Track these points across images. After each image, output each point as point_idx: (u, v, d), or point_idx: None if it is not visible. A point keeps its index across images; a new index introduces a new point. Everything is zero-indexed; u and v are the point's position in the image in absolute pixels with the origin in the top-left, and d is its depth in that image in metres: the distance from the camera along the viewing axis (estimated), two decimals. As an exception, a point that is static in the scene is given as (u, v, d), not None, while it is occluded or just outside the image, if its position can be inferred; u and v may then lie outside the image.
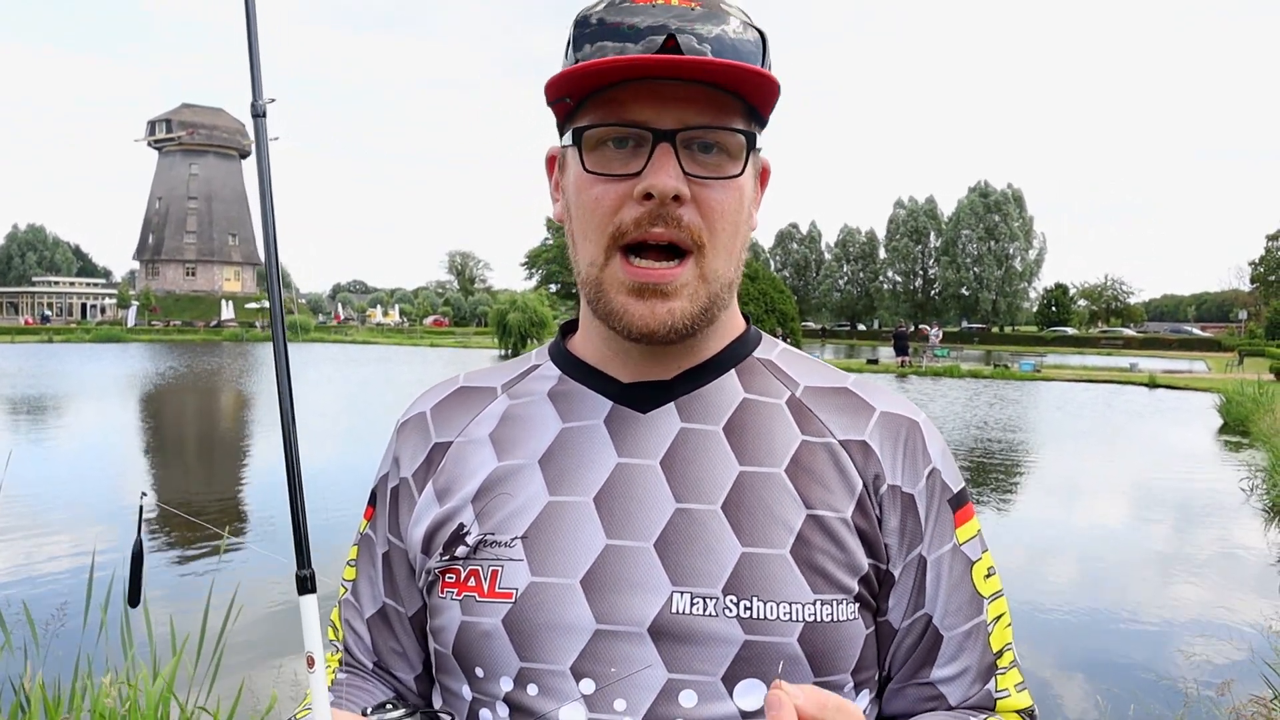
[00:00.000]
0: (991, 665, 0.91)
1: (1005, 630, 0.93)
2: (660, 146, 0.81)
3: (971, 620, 0.90)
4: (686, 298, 0.84)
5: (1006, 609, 0.94)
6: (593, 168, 0.84)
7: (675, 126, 0.81)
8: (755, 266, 42.43)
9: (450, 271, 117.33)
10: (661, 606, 0.82)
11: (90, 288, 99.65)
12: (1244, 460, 13.85)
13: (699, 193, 0.83)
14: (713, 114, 0.82)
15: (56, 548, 7.83)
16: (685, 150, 0.82)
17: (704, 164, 0.83)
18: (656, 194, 0.81)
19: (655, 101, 0.81)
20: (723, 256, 0.86)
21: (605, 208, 0.83)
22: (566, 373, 0.96)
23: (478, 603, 0.85)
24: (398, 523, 0.97)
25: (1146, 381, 29.94)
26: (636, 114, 0.82)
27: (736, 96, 0.83)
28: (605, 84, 0.82)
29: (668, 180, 0.80)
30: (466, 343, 57.89)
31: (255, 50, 0.96)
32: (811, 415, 0.91)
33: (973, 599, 0.90)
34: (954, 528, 0.90)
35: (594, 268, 0.86)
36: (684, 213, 0.82)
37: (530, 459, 0.90)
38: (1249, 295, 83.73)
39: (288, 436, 0.90)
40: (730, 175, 0.84)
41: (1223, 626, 6.20)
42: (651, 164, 0.81)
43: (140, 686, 2.99)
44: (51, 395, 21.69)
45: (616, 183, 0.83)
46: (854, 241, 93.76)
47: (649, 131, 0.81)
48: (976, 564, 0.91)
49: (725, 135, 0.83)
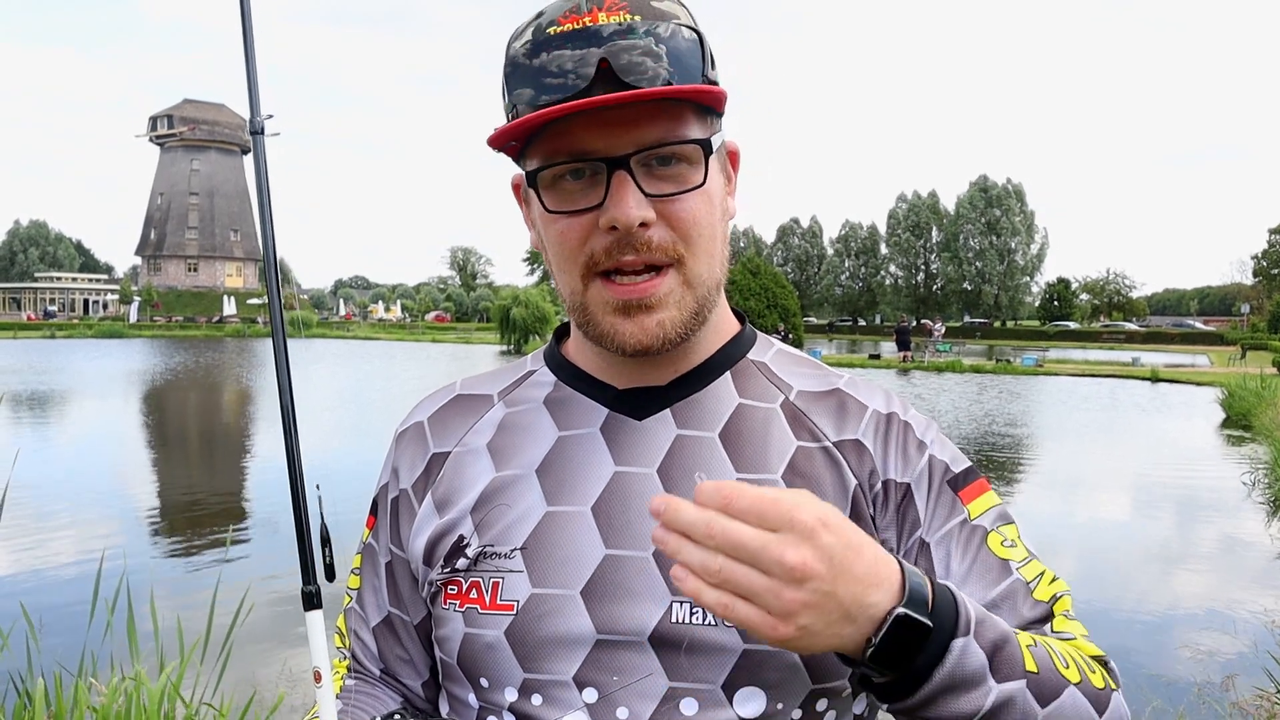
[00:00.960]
0: (1046, 613, 0.85)
1: (1052, 584, 0.87)
2: (616, 175, 0.79)
3: (1000, 585, 0.85)
4: (674, 306, 0.84)
5: (1045, 567, 0.89)
6: (553, 206, 0.83)
7: (627, 151, 0.79)
8: (757, 262, 42.25)
9: (452, 267, 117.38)
10: (661, 616, 0.82)
11: (92, 284, 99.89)
12: (1246, 454, 13.85)
13: (665, 209, 0.81)
14: (664, 127, 0.80)
15: (61, 545, 7.85)
16: (643, 170, 0.80)
17: (665, 178, 0.81)
18: (620, 226, 0.79)
19: (602, 128, 0.79)
20: (704, 260, 0.85)
21: (573, 242, 0.83)
22: (562, 379, 0.96)
23: (480, 614, 0.86)
24: (399, 534, 0.97)
25: (1149, 375, 29.93)
26: (586, 143, 0.79)
27: (686, 102, 0.82)
28: (541, 128, 0.80)
29: (629, 210, 0.79)
30: (469, 338, 57.94)
31: (253, 69, 0.96)
32: (805, 419, 0.91)
33: (994, 565, 0.86)
34: (960, 505, 0.89)
35: (576, 295, 0.85)
36: (653, 234, 0.81)
37: (528, 469, 0.90)
38: (1251, 289, 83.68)
39: (291, 457, 0.91)
40: (694, 186, 0.82)
41: (1226, 621, 6.21)
42: (610, 195, 0.79)
43: (144, 683, 2.99)
44: (55, 391, 21.72)
45: (579, 217, 0.82)
46: (855, 236, 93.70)
47: (601, 162, 0.80)
48: (991, 534, 0.88)
49: (682, 149, 0.81)
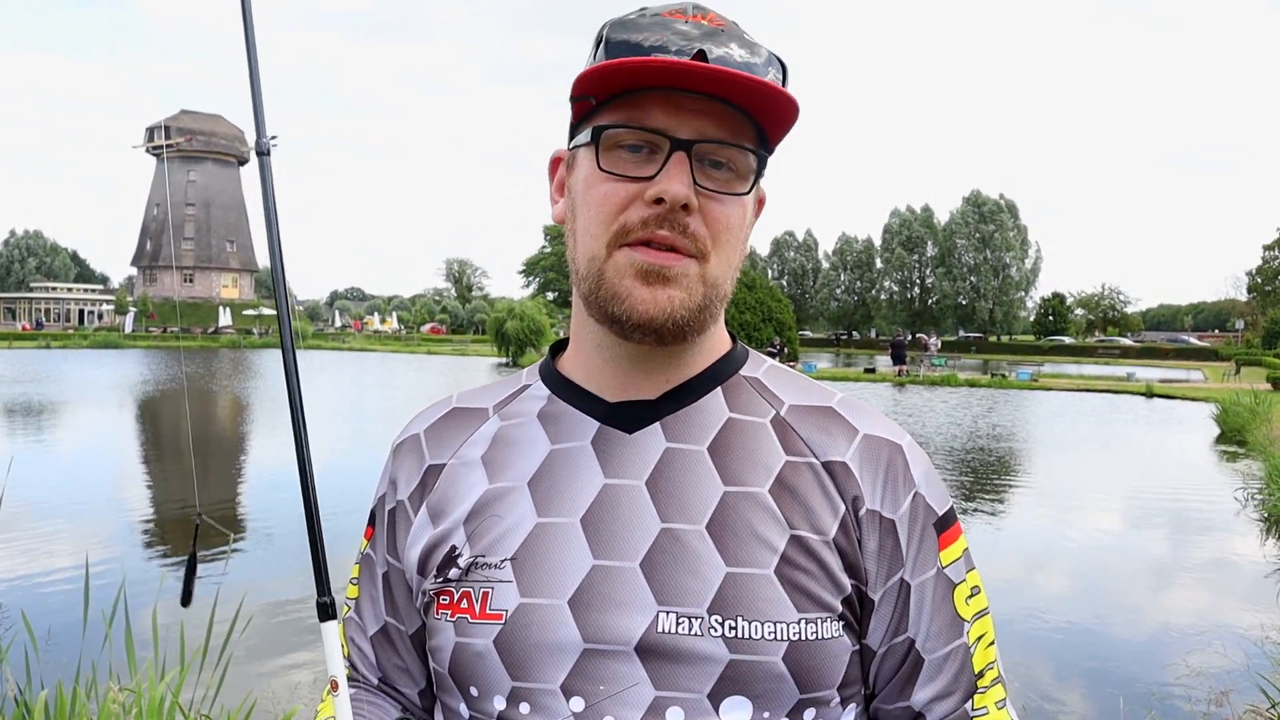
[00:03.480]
0: (972, 686, 0.92)
1: (988, 650, 0.94)
2: (676, 155, 0.83)
3: (951, 643, 0.91)
4: (686, 289, 0.85)
5: (990, 628, 0.95)
6: (607, 167, 0.85)
7: (693, 137, 0.83)
8: (753, 275, 42.43)
9: (448, 279, 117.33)
10: (648, 626, 0.83)
11: (88, 294, 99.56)
12: (1240, 470, 13.89)
13: (706, 205, 0.85)
14: (728, 131, 0.84)
15: (57, 555, 7.83)
16: (698, 163, 0.84)
17: (714, 178, 0.85)
18: (669, 200, 0.82)
19: (675, 111, 0.83)
20: (723, 266, 0.87)
21: (613, 205, 0.85)
22: (555, 393, 0.97)
23: (470, 624, 0.87)
24: (395, 544, 0.99)
25: (1144, 391, 29.98)
26: (656, 120, 0.83)
27: (750, 120, 0.85)
28: (633, 87, 0.83)
29: (680, 188, 0.82)
30: (464, 350, 57.84)
31: (258, 91, 0.97)
32: (795, 435, 0.91)
33: (953, 622, 0.92)
34: (938, 551, 0.91)
35: (595, 262, 0.87)
36: (691, 221, 0.84)
37: (520, 481, 0.92)
38: (1246, 305, 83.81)
39: (304, 473, 0.93)
40: (738, 193, 0.86)
41: (1219, 637, 6.21)
42: (666, 171, 0.83)
43: (144, 693, 2.99)
44: (49, 401, 21.67)
45: (627, 183, 0.85)
46: (851, 250, 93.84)
47: (667, 139, 0.83)
48: (959, 586, 0.92)
49: (738, 153, 0.85)
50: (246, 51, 0.97)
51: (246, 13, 0.97)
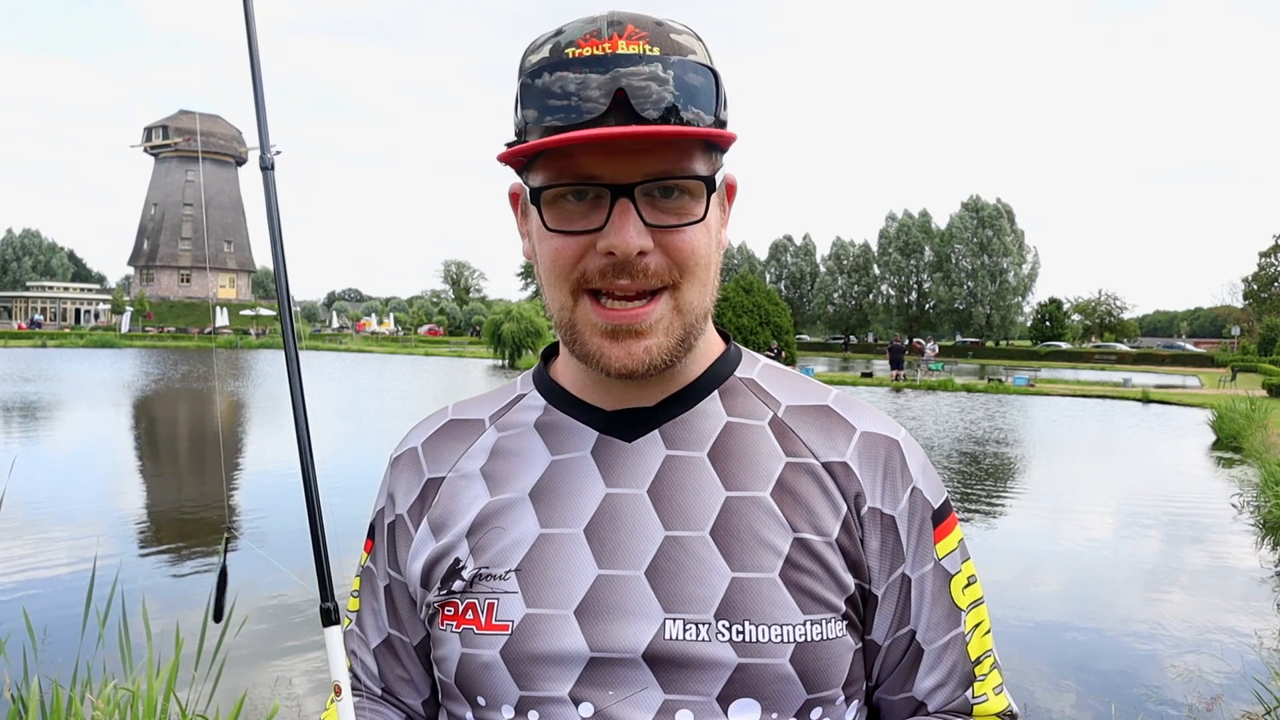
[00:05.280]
0: (970, 673, 0.94)
1: (984, 638, 0.96)
2: (619, 203, 0.80)
3: (950, 632, 0.93)
4: (662, 333, 0.84)
5: (985, 616, 0.97)
6: (553, 225, 0.83)
7: (632, 180, 0.80)
8: (750, 279, 42.37)
9: (445, 281, 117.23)
10: (655, 634, 0.83)
11: (85, 293, 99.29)
12: (1236, 476, 13.91)
13: (664, 239, 0.82)
14: (671, 161, 0.81)
15: (55, 554, 7.82)
16: (646, 199, 0.81)
17: (667, 209, 0.82)
18: (619, 254, 0.80)
19: (610, 155, 0.80)
20: (696, 290, 0.86)
21: (567, 259, 0.83)
22: (551, 402, 0.97)
23: (476, 635, 0.88)
24: (396, 557, 0.99)
25: (1140, 396, 30.00)
26: (592, 168, 0.80)
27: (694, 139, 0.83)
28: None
29: (630, 240, 0.80)
30: (461, 352, 57.79)
31: (261, 105, 0.97)
32: (794, 436, 0.91)
33: (951, 612, 0.93)
34: (934, 543, 0.93)
35: (565, 311, 0.86)
36: (649, 261, 0.82)
37: (521, 493, 0.92)
38: (1242, 311, 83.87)
39: (307, 478, 0.93)
40: (694, 220, 0.83)
41: (1213, 642, 6.23)
42: (612, 222, 0.80)
43: (139, 692, 2.99)
44: (46, 400, 21.62)
45: (576, 237, 0.83)
46: (847, 254, 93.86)
47: (606, 188, 0.80)
48: (955, 576, 0.94)
49: (685, 182, 0.82)
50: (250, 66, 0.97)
51: (250, 27, 0.97)
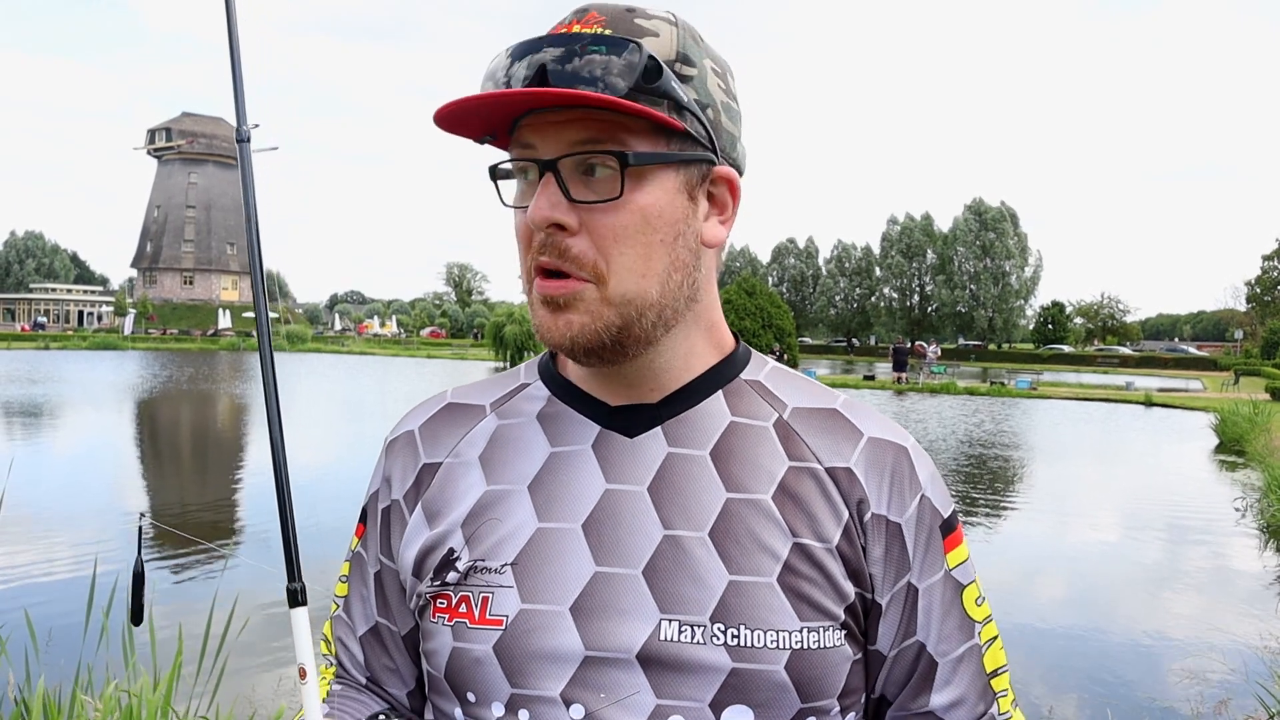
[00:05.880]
0: (988, 688, 0.92)
1: (999, 652, 0.94)
2: (544, 177, 0.81)
3: (965, 644, 0.91)
4: (585, 312, 0.82)
5: (997, 631, 0.95)
6: (509, 201, 0.87)
7: (558, 153, 0.80)
8: (753, 282, 42.29)
9: (448, 283, 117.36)
10: (650, 634, 0.82)
11: (87, 295, 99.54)
12: (1239, 480, 13.89)
13: (589, 219, 0.81)
14: (594, 132, 0.80)
15: (57, 556, 7.82)
16: (576, 176, 0.81)
17: (592, 188, 0.81)
18: (532, 226, 0.81)
19: (543, 129, 0.81)
20: (631, 279, 0.82)
21: (522, 236, 0.85)
22: (555, 393, 0.95)
23: (469, 629, 0.86)
24: (389, 544, 0.97)
25: (1143, 400, 29.95)
26: (529, 141, 0.82)
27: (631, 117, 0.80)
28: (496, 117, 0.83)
29: (539, 210, 0.80)
30: (464, 354, 57.81)
31: (239, 79, 0.96)
32: (798, 439, 0.89)
33: (964, 623, 0.91)
34: (944, 553, 0.90)
35: (527, 287, 0.87)
36: (573, 243, 0.81)
37: (519, 484, 0.90)
38: (1245, 315, 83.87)
39: (276, 453, 0.91)
40: (608, 199, 0.81)
41: (1217, 646, 6.21)
42: (536, 194, 0.81)
43: (140, 695, 2.99)
44: (48, 402, 21.65)
45: (522, 213, 0.84)
46: (850, 257, 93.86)
47: (535, 162, 0.82)
48: (968, 588, 0.92)
49: (603, 158, 0.81)
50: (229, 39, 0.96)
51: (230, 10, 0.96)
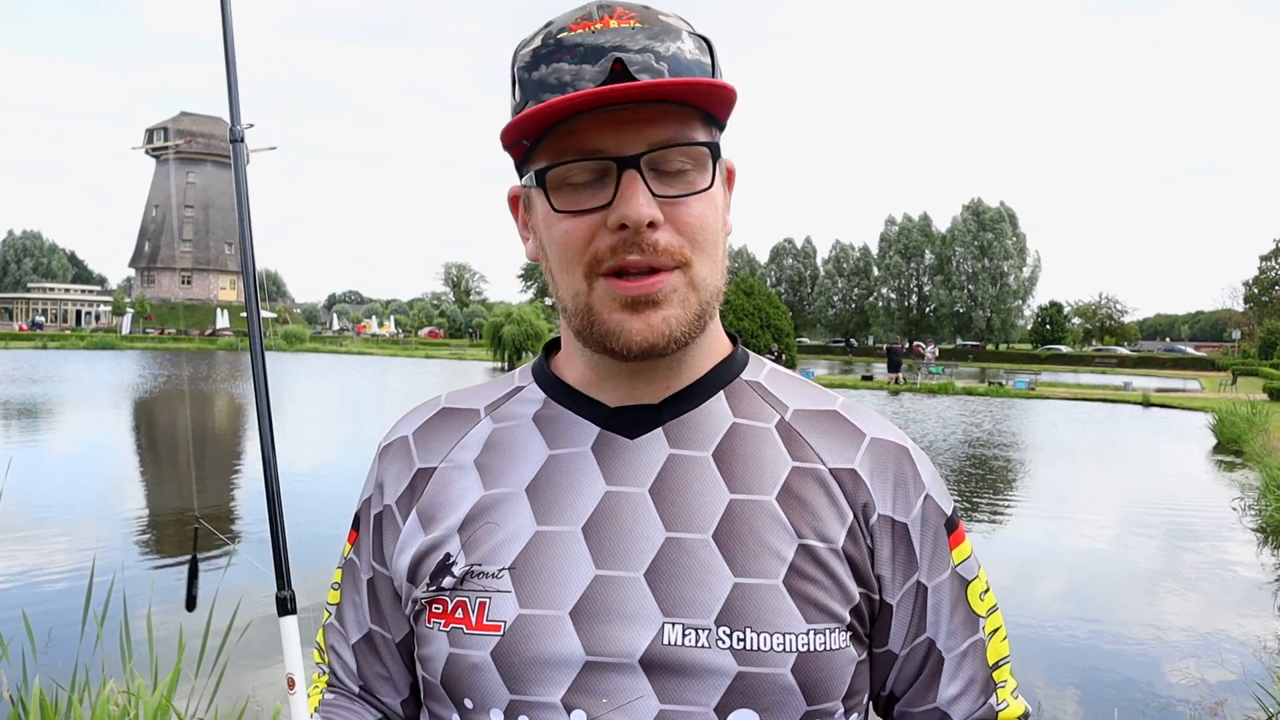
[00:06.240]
0: (990, 679, 0.93)
1: (1001, 643, 0.95)
2: (626, 174, 0.79)
3: (969, 639, 0.92)
4: (678, 304, 0.82)
5: (1001, 621, 0.96)
6: (561, 206, 0.82)
7: (638, 150, 0.79)
8: (751, 282, 42.41)
9: (446, 283, 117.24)
10: (653, 638, 0.80)
11: (85, 295, 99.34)
12: (1237, 480, 13.91)
13: (672, 212, 0.81)
14: (674, 130, 0.80)
15: (54, 555, 7.82)
16: (651, 171, 0.80)
17: (673, 182, 0.81)
18: (631, 224, 0.79)
19: (613, 127, 0.79)
20: (708, 264, 0.84)
21: (578, 241, 0.82)
22: (551, 396, 0.94)
23: (466, 635, 0.84)
24: (382, 550, 0.95)
25: (1140, 400, 29.97)
26: (596, 143, 0.79)
27: (693, 108, 0.82)
28: (560, 120, 0.79)
29: (641, 209, 0.78)
30: (462, 355, 57.79)
31: (233, 79, 0.97)
32: (801, 440, 0.89)
33: (969, 618, 0.92)
34: (950, 551, 0.91)
35: (580, 296, 0.84)
36: (660, 237, 0.80)
37: (517, 487, 0.88)
38: (1242, 315, 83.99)
39: (267, 463, 0.91)
40: (701, 190, 0.82)
41: (1215, 646, 6.23)
42: (620, 194, 0.79)
43: (139, 695, 2.99)
44: (46, 401, 21.63)
45: (586, 216, 0.81)
46: (847, 258, 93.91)
47: (612, 161, 0.79)
48: (972, 583, 0.93)
49: (691, 150, 0.81)
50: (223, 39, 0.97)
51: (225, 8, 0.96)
